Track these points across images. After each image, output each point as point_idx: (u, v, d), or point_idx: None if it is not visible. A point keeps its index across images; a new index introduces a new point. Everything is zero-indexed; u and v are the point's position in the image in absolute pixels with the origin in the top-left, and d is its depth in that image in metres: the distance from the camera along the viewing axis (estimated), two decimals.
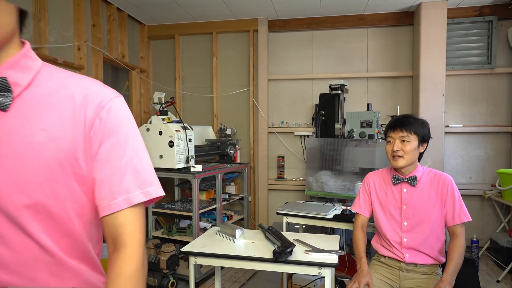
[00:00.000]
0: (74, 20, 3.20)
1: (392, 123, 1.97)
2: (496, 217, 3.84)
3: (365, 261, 1.92)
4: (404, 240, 1.91)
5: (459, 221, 1.84)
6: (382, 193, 2.03)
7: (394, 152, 1.90)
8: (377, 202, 2.04)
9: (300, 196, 4.09)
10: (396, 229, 1.94)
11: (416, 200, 1.91)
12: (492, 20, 3.73)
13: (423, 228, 1.88)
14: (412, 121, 1.91)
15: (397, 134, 1.91)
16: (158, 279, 2.90)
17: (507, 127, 3.81)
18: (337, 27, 4.05)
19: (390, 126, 1.97)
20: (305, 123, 4.17)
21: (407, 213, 1.92)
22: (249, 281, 3.30)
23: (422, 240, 1.88)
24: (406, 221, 1.92)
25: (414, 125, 1.90)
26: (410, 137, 1.89)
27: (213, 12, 3.94)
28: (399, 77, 3.98)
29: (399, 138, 1.90)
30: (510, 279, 3.23)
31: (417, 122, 1.92)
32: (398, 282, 1.90)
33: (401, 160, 1.90)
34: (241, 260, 1.85)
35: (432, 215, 1.87)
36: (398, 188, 1.97)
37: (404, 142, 1.89)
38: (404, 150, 1.89)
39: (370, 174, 2.14)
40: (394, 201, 1.97)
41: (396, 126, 1.92)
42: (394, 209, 1.96)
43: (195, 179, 3.02)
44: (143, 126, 3.13)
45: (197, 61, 4.42)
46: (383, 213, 2.00)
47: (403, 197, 1.94)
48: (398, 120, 1.95)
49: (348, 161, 3.10)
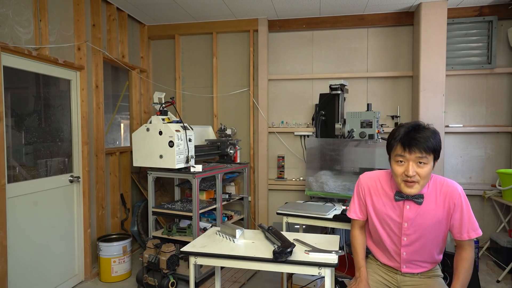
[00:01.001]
0: (74, 20, 3.20)
1: (404, 140, 1.56)
2: (496, 217, 3.84)
3: (364, 270, 1.81)
4: (403, 254, 1.77)
5: (466, 237, 1.63)
6: (379, 204, 1.78)
7: (409, 178, 1.57)
8: (373, 211, 1.81)
9: (300, 196, 4.09)
10: (395, 242, 1.77)
11: (419, 220, 1.68)
12: (492, 20, 3.73)
13: (423, 244, 1.72)
14: (429, 136, 1.54)
15: (413, 155, 1.55)
16: (158, 279, 2.90)
17: (507, 127, 3.81)
18: (337, 27, 4.05)
19: (403, 143, 1.56)
20: (305, 123, 4.17)
21: (408, 230, 1.71)
22: (249, 281, 3.31)
23: (422, 252, 1.75)
24: (406, 237, 1.73)
25: (431, 141, 1.54)
26: (428, 158, 1.55)
27: (213, 12, 3.94)
28: (399, 77, 3.98)
29: (414, 159, 1.56)
30: (510, 279, 3.23)
31: (432, 136, 1.57)
32: (396, 285, 1.87)
33: (416, 187, 1.59)
34: (241, 260, 1.84)
35: (435, 232, 1.70)
36: (398, 204, 1.72)
37: (421, 164, 1.56)
38: (420, 175, 1.56)
39: (365, 178, 1.86)
40: (394, 216, 1.74)
41: (412, 144, 1.54)
42: (393, 224, 1.74)
43: (195, 179, 3.02)
44: (143, 126, 3.13)
45: (197, 61, 4.42)
46: (380, 224, 1.80)
47: (405, 215, 1.70)
48: (411, 136, 1.55)
49: (348, 161, 3.10)
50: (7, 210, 2.48)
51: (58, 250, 3.03)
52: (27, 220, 2.71)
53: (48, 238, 2.91)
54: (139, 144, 3.17)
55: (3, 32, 2.52)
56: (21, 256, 2.65)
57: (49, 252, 2.93)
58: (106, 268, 3.25)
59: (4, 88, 2.50)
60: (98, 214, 3.49)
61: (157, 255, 2.96)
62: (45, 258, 2.89)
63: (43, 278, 2.87)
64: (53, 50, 2.95)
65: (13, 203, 2.57)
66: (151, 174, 3.25)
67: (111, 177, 3.76)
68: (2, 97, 2.45)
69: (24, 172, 2.76)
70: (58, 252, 3.03)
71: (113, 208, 3.77)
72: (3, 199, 2.45)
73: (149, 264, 2.96)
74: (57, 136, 3.09)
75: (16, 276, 2.60)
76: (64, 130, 3.17)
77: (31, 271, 2.74)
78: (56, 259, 3.01)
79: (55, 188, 3.00)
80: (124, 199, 3.94)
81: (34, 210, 2.78)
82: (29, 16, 2.74)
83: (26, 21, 2.71)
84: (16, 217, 2.60)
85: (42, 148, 2.94)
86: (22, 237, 2.66)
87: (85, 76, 3.28)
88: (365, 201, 1.85)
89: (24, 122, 2.82)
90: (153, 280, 2.92)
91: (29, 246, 2.73)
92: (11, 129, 2.66)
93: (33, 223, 2.77)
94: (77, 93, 3.25)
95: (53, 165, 3.04)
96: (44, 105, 3.02)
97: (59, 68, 3.04)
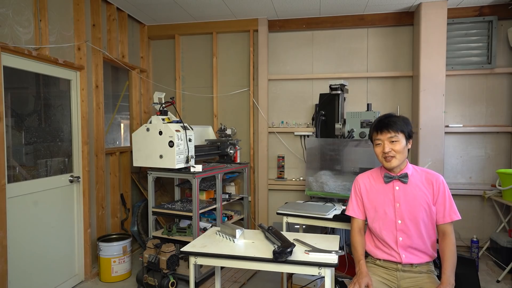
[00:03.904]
0: (74, 20, 3.21)
1: (377, 125, 1.97)
2: (496, 217, 3.84)
3: (363, 263, 1.92)
4: (399, 239, 1.91)
5: (449, 219, 1.88)
6: (374, 193, 2.03)
7: (386, 154, 1.92)
8: (370, 203, 2.04)
9: (300, 196, 4.10)
10: (391, 229, 1.94)
11: (409, 198, 1.93)
12: (492, 20, 3.73)
13: (417, 225, 1.89)
14: (396, 120, 1.93)
15: (385, 135, 1.93)
16: (158, 279, 2.90)
17: (507, 127, 3.81)
18: (337, 27, 4.05)
19: (376, 129, 1.97)
20: (305, 123, 4.17)
21: (401, 211, 1.93)
22: (249, 281, 3.31)
23: (417, 237, 1.89)
24: (400, 219, 1.92)
25: (399, 124, 1.92)
26: (398, 137, 1.91)
27: (213, 12, 3.94)
28: (399, 77, 3.98)
29: (387, 139, 1.92)
30: (510, 279, 3.23)
31: (401, 121, 1.93)
32: (396, 282, 1.90)
33: (394, 160, 1.92)
34: (241, 260, 1.85)
35: (425, 212, 1.90)
36: (390, 186, 1.98)
37: (394, 142, 1.91)
38: (395, 150, 1.91)
39: (360, 176, 2.14)
40: (387, 200, 1.97)
41: (383, 127, 1.93)
42: (388, 208, 1.96)
43: (195, 179, 3.02)
44: (143, 126, 3.13)
45: (197, 61, 4.42)
46: (377, 213, 2.00)
47: (395, 195, 1.95)
48: (382, 122, 1.95)
49: (348, 161, 3.10)
50: (7, 210, 2.48)
51: (58, 250, 3.03)
52: (27, 220, 2.71)
53: (48, 238, 2.91)
54: (139, 144, 3.17)
55: (3, 32, 2.52)
56: (21, 256, 2.65)
57: (49, 252, 2.93)
58: (106, 268, 3.25)
59: (4, 88, 2.50)
60: (98, 214, 3.49)
61: (157, 255, 2.96)
62: (45, 258, 2.89)
63: (43, 278, 2.87)
64: (53, 50, 2.95)
65: (13, 203, 2.57)
66: (151, 174, 3.25)
67: (111, 177, 3.76)
68: (2, 97, 2.45)
69: (24, 172, 2.77)
70: (58, 252, 3.03)
71: (113, 208, 3.77)
72: (3, 199, 2.45)
73: (149, 264, 2.96)
74: (57, 136, 3.09)
75: (16, 276, 2.60)
76: (64, 130, 3.17)
77: (31, 271, 2.74)
78: (56, 259, 3.01)
79: (55, 188, 3.00)
80: (124, 199, 3.94)
81: (34, 210, 2.78)
82: (29, 16, 2.74)
83: (26, 21, 2.72)
84: (16, 217, 2.60)
85: (42, 148, 2.94)
86: (22, 237, 2.66)
87: (85, 76, 3.28)
88: (361, 196, 2.08)
89: (24, 122, 2.82)
90: (153, 280, 2.92)
91: (29, 246, 2.73)
92: (11, 129, 2.66)
93: (33, 223, 2.77)
94: (77, 93, 3.25)
95: (53, 165, 3.04)
96: (44, 105, 3.02)
97: (59, 68, 3.04)
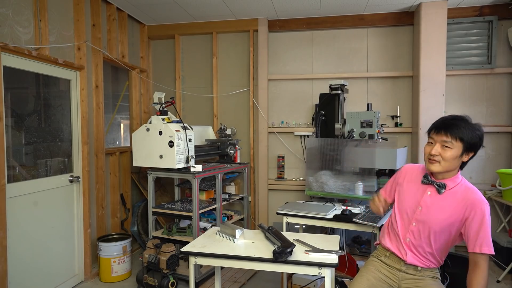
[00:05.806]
0: (74, 20, 3.20)
1: (438, 124, 1.76)
2: (496, 217, 3.84)
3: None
4: (407, 239, 1.85)
5: (478, 250, 1.64)
6: (409, 186, 1.91)
7: (431, 156, 1.73)
8: (402, 193, 1.92)
9: (300, 196, 4.09)
10: (406, 225, 1.86)
11: (434, 208, 1.77)
12: (492, 20, 3.73)
13: (428, 235, 1.78)
14: (460, 125, 1.69)
15: (439, 137, 1.71)
16: (158, 279, 2.90)
17: (507, 127, 3.81)
18: (337, 27, 4.05)
19: (435, 127, 1.76)
20: (305, 123, 4.17)
21: (420, 215, 1.80)
22: (249, 281, 3.31)
23: (426, 245, 1.80)
24: (415, 222, 1.81)
25: (461, 130, 1.68)
26: (453, 144, 1.68)
27: (213, 12, 3.94)
28: (399, 77, 3.98)
29: (440, 141, 1.71)
30: (510, 279, 3.23)
31: (467, 128, 1.69)
32: (398, 282, 1.88)
33: (436, 165, 1.73)
34: (241, 260, 1.85)
35: (444, 228, 1.74)
36: (424, 188, 1.83)
37: (445, 148, 1.70)
38: (442, 156, 1.70)
39: (408, 166, 2.01)
40: (414, 199, 1.84)
41: (441, 128, 1.72)
42: (411, 207, 1.85)
43: (195, 179, 3.02)
44: (143, 126, 3.13)
45: (197, 61, 4.42)
46: (402, 205, 1.91)
47: (423, 199, 1.81)
48: (444, 121, 1.74)
49: (348, 161, 3.10)
50: (7, 210, 2.48)
51: (58, 250, 3.03)
52: (27, 220, 2.71)
53: (48, 238, 2.91)
54: (139, 144, 3.17)
55: (3, 32, 2.52)
56: (21, 256, 2.65)
57: (49, 252, 2.93)
58: (106, 268, 3.25)
59: (4, 88, 2.50)
60: (98, 214, 3.49)
61: (157, 255, 2.96)
62: (45, 258, 2.89)
63: (43, 278, 2.87)
64: (53, 50, 2.95)
65: (13, 203, 2.57)
66: (151, 174, 3.25)
67: (111, 177, 3.76)
68: (2, 97, 2.45)
69: (24, 172, 2.76)
70: (58, 252, 3.03)
71: (113, 208, 3.77)
72: (3, 199, 2.45)
73: (149, 264, 2.96)
74: (57, 136, 3.09)
75: (16, 276, 2.60)
76: (64, 130, 3.17)
77: (31, 271, 2.74)
78: (56, 259, 3.01)
79: (55, 188, 3.00)
80: (124, 199, 3.94)
81: (34, 210, 2.78)
82: (29, 16, 2.74)
83: (26, 21, 2.71)
84: (16, 217, 2.60)
85: (42, 148, 2.94)
86: (22, 237, 2.66)
87: (85, 76, 3.28)
88: (397, 183, 1.97)
89: (24, 122, 2.82)
90: (153, 280, 2.92)
91: (29, 246, 2.73)
92: (11, 129, 2.66)
93: (33, 223, 2.77)
94: (77, 93, 3.25)
95: (53, 165, 3.04)
96: (44, 105, 3.02)
97: (59, 68, 3.04)
